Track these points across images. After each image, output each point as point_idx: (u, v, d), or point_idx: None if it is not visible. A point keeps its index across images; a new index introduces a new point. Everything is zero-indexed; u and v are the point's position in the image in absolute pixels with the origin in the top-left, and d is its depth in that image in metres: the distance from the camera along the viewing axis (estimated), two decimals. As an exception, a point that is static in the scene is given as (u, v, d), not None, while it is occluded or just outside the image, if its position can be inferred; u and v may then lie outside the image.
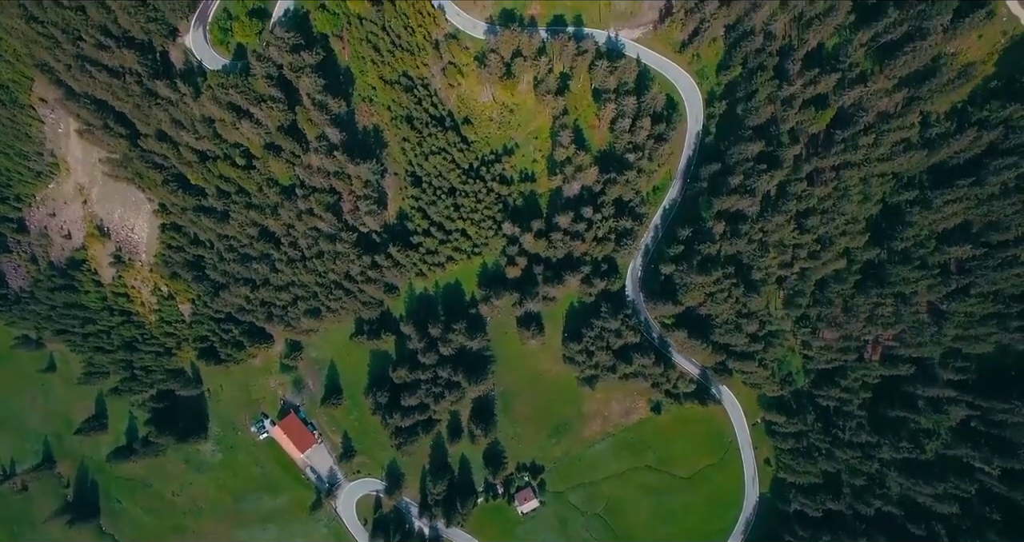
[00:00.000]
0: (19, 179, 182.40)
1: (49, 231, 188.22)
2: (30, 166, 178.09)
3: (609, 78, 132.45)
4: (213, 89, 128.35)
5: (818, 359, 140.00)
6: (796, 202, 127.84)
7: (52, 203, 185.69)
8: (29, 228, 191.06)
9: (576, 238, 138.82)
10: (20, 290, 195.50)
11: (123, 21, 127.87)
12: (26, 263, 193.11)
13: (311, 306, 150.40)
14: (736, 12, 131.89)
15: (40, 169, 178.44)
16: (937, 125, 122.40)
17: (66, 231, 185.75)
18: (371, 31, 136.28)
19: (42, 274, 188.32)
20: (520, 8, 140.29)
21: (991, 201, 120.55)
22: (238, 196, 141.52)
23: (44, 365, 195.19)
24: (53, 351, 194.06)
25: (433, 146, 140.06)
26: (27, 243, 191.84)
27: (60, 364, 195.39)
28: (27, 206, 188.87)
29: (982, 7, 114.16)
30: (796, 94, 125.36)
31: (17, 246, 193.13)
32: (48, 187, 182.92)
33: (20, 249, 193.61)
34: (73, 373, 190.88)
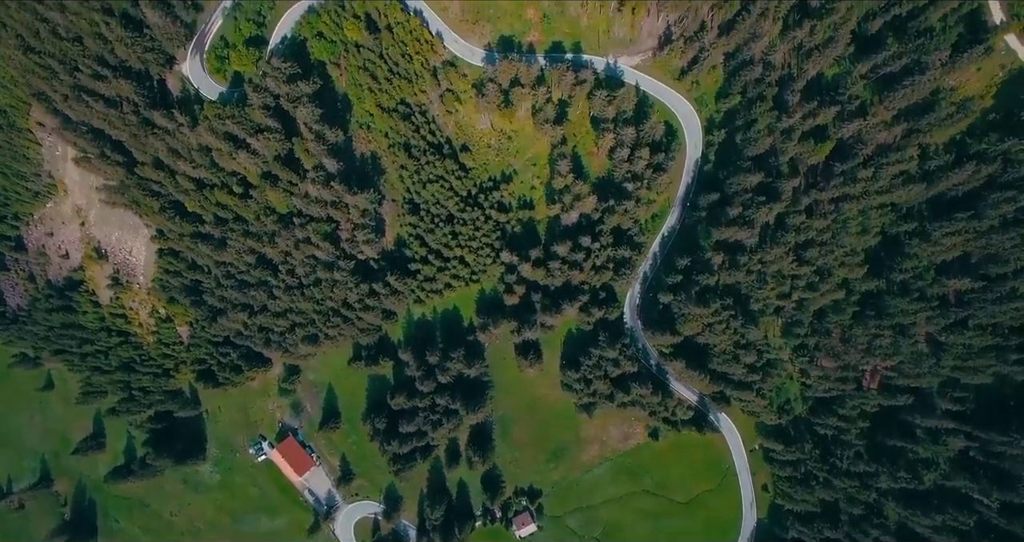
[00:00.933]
0: (17, 198, 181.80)
1: (47, 250, 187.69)
2: (28, 186, 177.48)
3: (608, 107, 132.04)
4: (210, 120, 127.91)
5: (816, 388, 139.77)
6: (795, 234, 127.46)
7: (50, 222, 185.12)
8: (27, 246, 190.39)
9: (574, 267, 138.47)
10: (18, 308, 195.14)
11: (120, 52, 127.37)
12: (24, 281, 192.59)
13: (309, 333, 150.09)
14: (735, 41, 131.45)
15: (38, 189, 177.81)
16: (936, 157, 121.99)
17: (64, 251, 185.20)
18: (368, 59, 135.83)
19: (40, 293, 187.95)
20: (518, 35, 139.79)
21: (990, 234, 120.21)
22: (235, 224, 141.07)
23: (42, 383, 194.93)
24: (51, 369, 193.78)
25: (431, 174, 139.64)
26: (25, 261, 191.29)
27: (58, 382, 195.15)
28: (25, 225, 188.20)
29: (980, 43, 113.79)
30: (795, 126, 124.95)
31: (15, 264, 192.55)
32: (46, 206, 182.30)
33: (18, 267, 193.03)
34: (71, 391, 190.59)
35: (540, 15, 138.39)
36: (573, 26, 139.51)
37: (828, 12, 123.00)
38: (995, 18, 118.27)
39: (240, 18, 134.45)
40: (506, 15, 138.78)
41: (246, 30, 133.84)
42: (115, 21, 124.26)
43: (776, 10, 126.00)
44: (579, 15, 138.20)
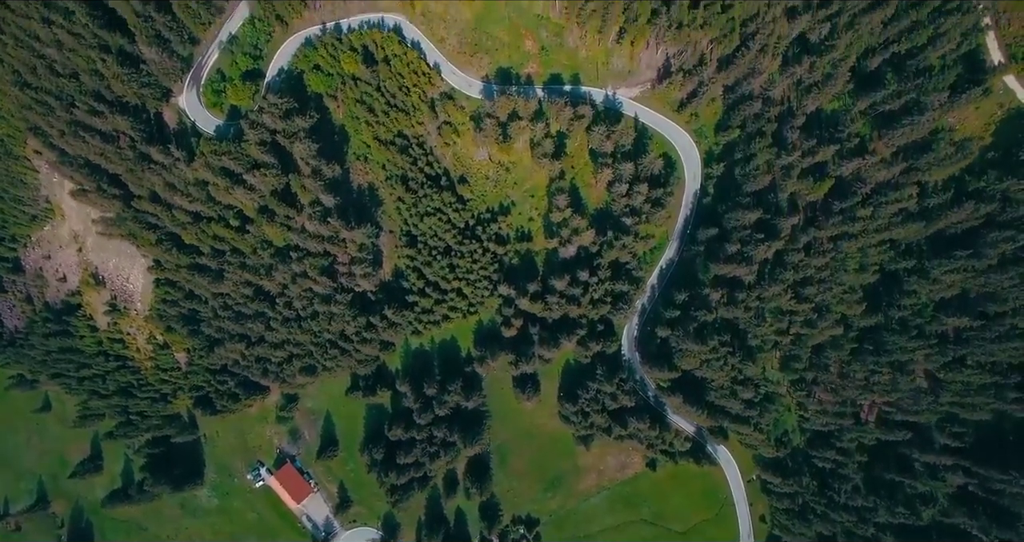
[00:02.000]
0: (14, 221, 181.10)
1: (44, 272, 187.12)
2: (24, 210, 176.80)
3: (606, 142, 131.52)
4: (206, 156, 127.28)
5: (814, 421, 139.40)
6: (793, 272, 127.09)
7: (47, 245, 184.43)
8: (24, 268, 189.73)
9: (572, 302, 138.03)
10: (15, 330, 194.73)
11: (116, 88, 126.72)
12: (21, 303, 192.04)
13: (306, 364, 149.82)
14: (735, 75, 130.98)
15: (35, 213, 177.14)
16: (935, 195, 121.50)
17: (61, 274, 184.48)
18: (365, 92, 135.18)
19: (37, 316, 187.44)
20: (516, 67, 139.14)
21: (989, 273, 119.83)
22: (232, 256, 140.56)
23: (39, 405, 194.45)
24: (48, 391, 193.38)
25: (428, 207, 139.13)
26: (22, 283, 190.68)
27: (55, 403, 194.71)
28: (22, 247, 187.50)
29: (979, 84, 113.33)
30: (794, 163, 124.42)
31: (12, 286, 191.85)
32: (43, 229, 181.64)
33: (15, 289, 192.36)
34: (68, 413, 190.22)
35: (538, 47, 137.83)
36: (571, 58, 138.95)
37: (827, 49, 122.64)
38: (993, 58, 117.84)
39: (236, 52, 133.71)
40: (504, 47, 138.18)
41: (242, 64, 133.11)
42: (111, 58, 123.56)
43: (776, 46, 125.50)
44: (578, 47, 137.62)
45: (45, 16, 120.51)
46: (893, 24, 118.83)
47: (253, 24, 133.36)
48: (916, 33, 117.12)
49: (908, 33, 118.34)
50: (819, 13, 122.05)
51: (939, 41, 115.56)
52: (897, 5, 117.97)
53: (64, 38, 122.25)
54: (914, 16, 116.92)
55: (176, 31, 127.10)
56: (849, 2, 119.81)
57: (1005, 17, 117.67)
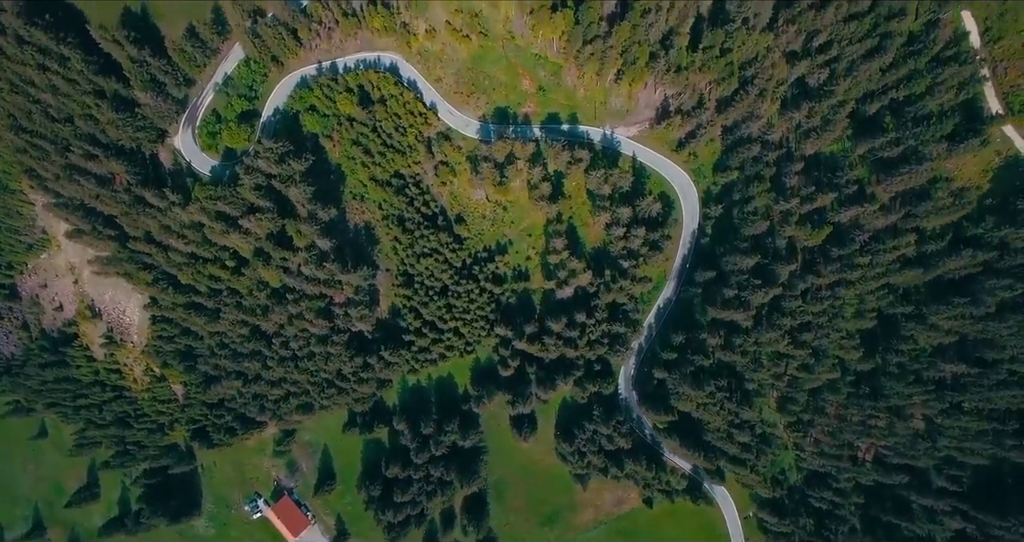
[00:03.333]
0: (10, 249, 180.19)
1: (41, 300, 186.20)
2: (20, 239, 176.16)
3: (604, 185, 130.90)
4: (201, 201, 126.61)
5: (811, 461, 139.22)
6: (790, 319, 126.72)
7: (44, 274, 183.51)
8: (21, 295, 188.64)
9: (569, 344, 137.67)
10: (11, 356, 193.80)
11: (111, 133, 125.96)
12: (17, 330, 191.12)
13: (303, 402, 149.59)
14: (733, 117, 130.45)
15: (31, 242, 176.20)
16: (933, 241, 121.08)
17: (57, 303, 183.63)
18: (361, 132, 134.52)
19: (33, 343, 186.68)
20: (514, 106, 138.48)
21: (987, 320, 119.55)
22: (229, 297, 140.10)
23: (35, 432, 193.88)
24: (45, 417, 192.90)
25: (425, 247, 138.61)
26: (19, 310, 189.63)
27: (52, 430, 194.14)
28: (19, 273, 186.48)
29: (977, 135, 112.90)
30: (793, 210, 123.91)
31: (8, 313, 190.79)
32: (40, 257, 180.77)
33: (11, 315, 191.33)
34: (65, 440, 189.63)
35: (536, 86, 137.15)
36: (569, 97, 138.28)
37: (826, 94, 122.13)
38: (991, 107, 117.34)
39: (232, 93, 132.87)
40: (501, 86, 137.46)
41: (238, 106, 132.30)
42: (106, 104, 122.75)
43: (774, 91, 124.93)
44: (575, 86, 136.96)
45: (40, 62, 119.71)
46: (891, 72, 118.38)
47: (248, 65, 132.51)
48: (915, 82, 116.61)
49: (906, 81, 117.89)
50: (818, 58, 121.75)
51: (937, 90, 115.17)
52: (896, 53, 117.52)
53: (59, 84, 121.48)
54: (912, 65, 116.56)
55: (171, 74, 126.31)
56: (848, 48, 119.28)
57: (1002, 66, 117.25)
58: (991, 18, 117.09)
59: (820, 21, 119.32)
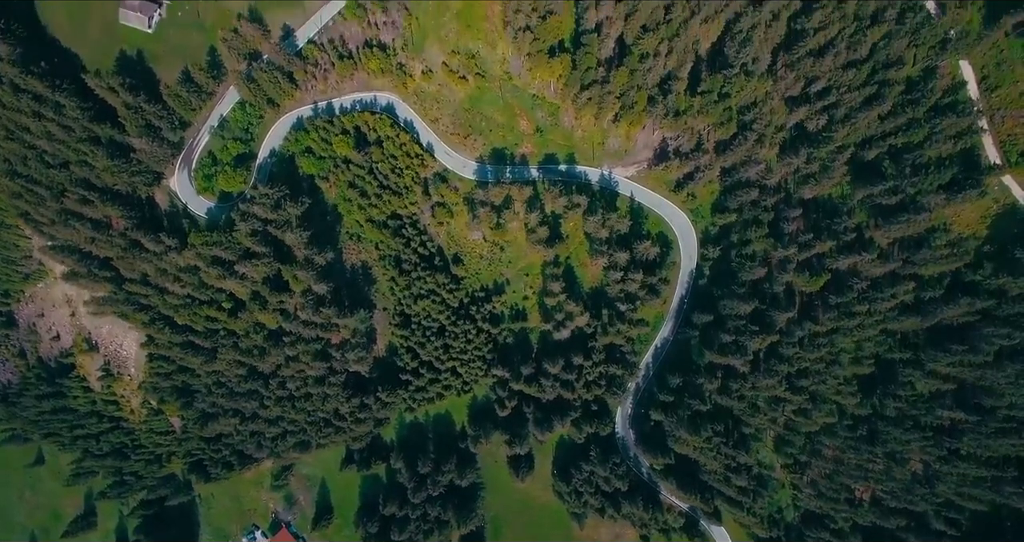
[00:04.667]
0: (6, 278, 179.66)
1: (38, 329, 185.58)
2: (17, 269, 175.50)
3: (601, 229, 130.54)
4: (197, 247, 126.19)
5: (808, 502, 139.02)
6: (787, 365, 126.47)
7: (40, 303, 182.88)
8: (17, 322, 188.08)
9: (566, 386, 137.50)
10: (8, 384, 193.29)
11: (107, 178, 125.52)
12: (14, 357, 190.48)
13: (300, 440, 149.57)
14: (732, 159, 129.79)
15: (28, 272, 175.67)
16: (931, 288, 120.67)
17: (54, 332, 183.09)
18: (357, 174, 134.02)
19: (30, 371, 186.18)
20: (511, 147, 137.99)
21: (985, 368, 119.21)
22: (225, 338, 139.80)
23: (32, 459, 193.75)
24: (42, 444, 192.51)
25: (422, 289, 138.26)
26: (15, 337, 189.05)
27: (49, 457, 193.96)
28: (15, 301, 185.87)
29: (976, 186, 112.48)
30: (791, 257, 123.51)
31: (5, 340, 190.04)
32: (37, 286, 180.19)
33: (8, 343, 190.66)
34: (62, 467, 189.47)
35: (533, 127, 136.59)
36: (567, 137, 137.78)
37: (825, 140, 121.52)
38: (989, 156, 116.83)
39: (227, 136, 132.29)
40: (498, 127, 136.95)
41: (233, 149, 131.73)
42: (101, 150, 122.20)
43: (773, 137, 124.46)
44: (573, 127, 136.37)
45: (36, 110, 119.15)
46: (890, 120, 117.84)
47: (243, 108, 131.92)
48: (913, 131, 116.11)
49: (905, 129, 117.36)
50: (816, 104, 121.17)
51: (935, 139, 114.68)
52: (894, 101, 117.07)
53: (54, 130, 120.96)
54: (911, 113, 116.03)
55: (166, 119, 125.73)
56: (846, 95, 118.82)
57: (999, 114, 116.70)
58: (988, 67, 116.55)
59: (819, 68, 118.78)
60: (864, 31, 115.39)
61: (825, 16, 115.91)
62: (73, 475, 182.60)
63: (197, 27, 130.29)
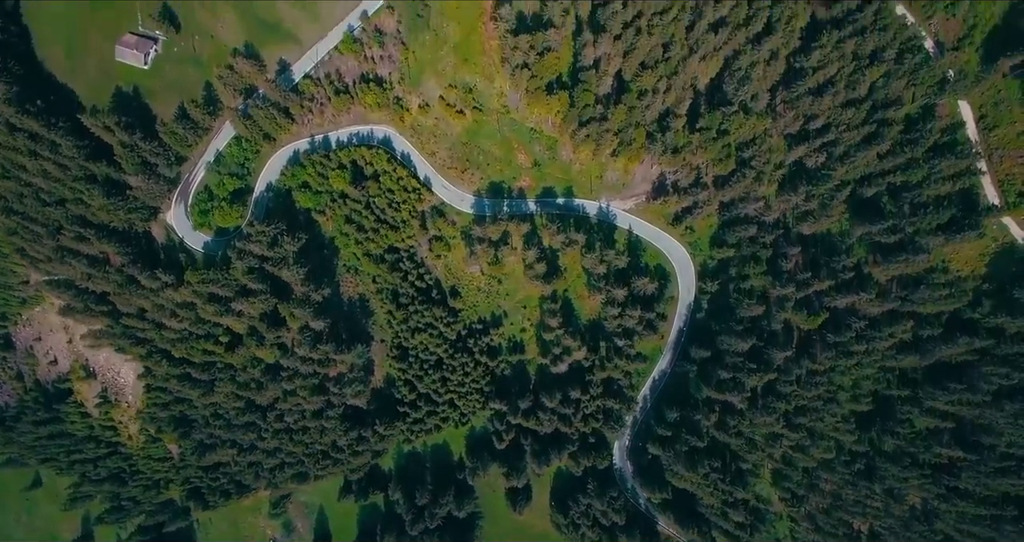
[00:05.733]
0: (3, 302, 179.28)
1: (35, 352, 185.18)
2: (15, 294, 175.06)
3: (599, 266, 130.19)
4: (193, 285, 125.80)
5: (805, 536, 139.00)
6: (785, 403, 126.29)
7: (38, 327, 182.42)
8: (15, 345, 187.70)
9: (564, 420, 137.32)
10: (5, 406, 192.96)
11: (103, 216, 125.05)
12: (11, 380, 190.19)
13: (298, 471, 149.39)
14: (730, 194, 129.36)
15: (24, 297, 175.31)
16: (929, 326, 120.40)
17: (52, 357, 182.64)
18: (354, 209, 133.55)
19: (27, 394, 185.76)
20: (509, 181, 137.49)
21: (983, 407, 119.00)
22: (223, 372, 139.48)
23: (29, 482, 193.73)
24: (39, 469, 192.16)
25: (420, 323, 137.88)
26: (12, 360, 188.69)
27: (46, 480, 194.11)
28: (13, 324, 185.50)
29: (974, 228, 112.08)
30: (789, 296, 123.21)
31: (3, 363, 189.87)
32: (34, 310, 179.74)
33: (6, 366, 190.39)
34: (59, 490, 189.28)
35: (531, 161, 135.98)
36: (565, 171, 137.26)
37: (824, 178, 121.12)
38: (988, 196, 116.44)
39: (223, 172, 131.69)
40: (496, 161, 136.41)
41: (229, 185, 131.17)
42: (97, 188, 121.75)
43: (772, 174, 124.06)
44: (571, 160, 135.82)
45: (31, 149, 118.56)
46: (889, 159, 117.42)
47: (239, 144, 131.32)
48: (912, 170, 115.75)
49: (904, 169, 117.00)
50: (815, 141, 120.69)
51: (934, 179, 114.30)
52: (893, 140, 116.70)
53: (50, 169, 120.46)
54: (910, 153, 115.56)
55: (162, 156, 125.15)
56: (845, 134, 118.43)
57: (997, 153, 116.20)
58: (986, 106, 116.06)
59: (818, 106, 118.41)
60: (863, 70, 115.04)
61: (824, 55, 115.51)
62: (70, 499, 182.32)
63: (193, 62, 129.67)
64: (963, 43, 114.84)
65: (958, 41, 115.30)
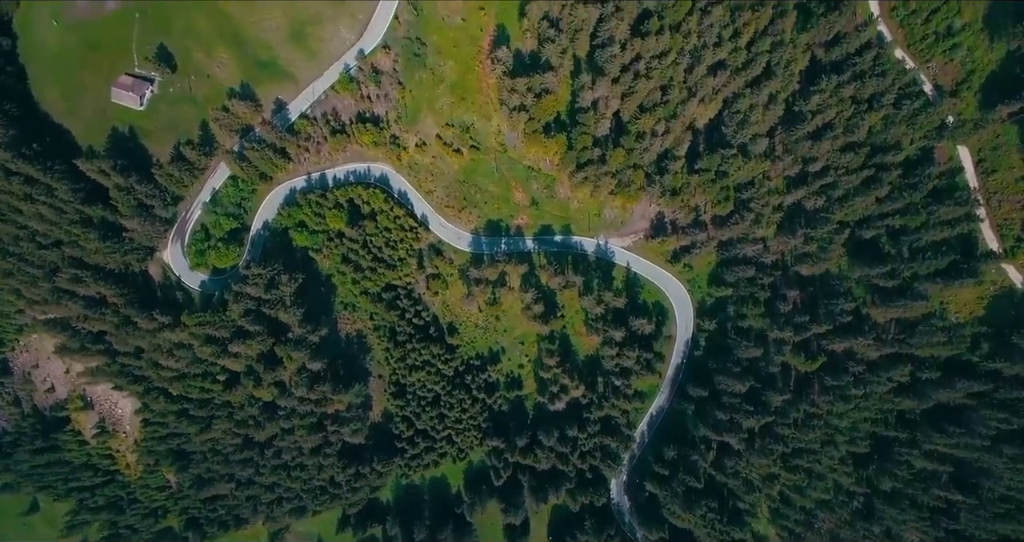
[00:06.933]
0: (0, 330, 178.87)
1: (33, 378, 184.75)
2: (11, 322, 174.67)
3: (597, 307, 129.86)
4: (190, 328, 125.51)
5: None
6: (782, 445, 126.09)
7: (36, 353, 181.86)
8: (12, 370, 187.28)
9: (561, 458, 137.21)
10: (2, 432, 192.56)
11: (99, 259, 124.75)
12: (8, 405, 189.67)
13: (296, 506, 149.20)
14: (729, 234, 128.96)
15: (21, 324, 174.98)
16: (928, 370, 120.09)
17: (49, 384, 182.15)
18: (351, 248, 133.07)
19: (25, 420, 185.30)
20: (506, 219, 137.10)
21: (982, 451, 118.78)
22: (220, 410, 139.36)
23: (26, 507, 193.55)
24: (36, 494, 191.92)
25: (417, 360, 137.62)
26: (10, 385, 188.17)
27: (44, 504, 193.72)
28: (10, 350, 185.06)
29: (973, 275, 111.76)
30: (787, 339, 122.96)
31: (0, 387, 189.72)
32: (31, 336, 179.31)
33: (3, 391, 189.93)
34: (57, 515, 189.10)
35: (528, 198, 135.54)
36: (563, 209, 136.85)
37: (822, 221, 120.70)
38: (987, 240, 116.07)
39: (219, 212, 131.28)
40: (493, 199, 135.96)
41: (225, 225, 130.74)
42: (93, 231, 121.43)
43: (771, 217, 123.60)
44: (569, 198, 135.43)
45: (27, 192, 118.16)
46: (888, 203, 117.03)
47: (235, 184, 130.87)
48: (911, 215, 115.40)
49: (902, 213, 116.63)
50: (814, 184, 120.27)
51: (933, 225, 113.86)
52: (892, 184, 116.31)
53: (46, 212, 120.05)
54: (908, 198, 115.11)
55: (158, 197, 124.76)
56: (844, 178, 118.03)
57: (996, 198, 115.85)
58: (985, 150, 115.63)
59: (817, 150, 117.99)
60: (862, 115, 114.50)
61: (823, 100, 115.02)
62: (68, 526, 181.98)
63: (189, 101, 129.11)
64: (962, 87, 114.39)
65: (957, 85, 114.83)
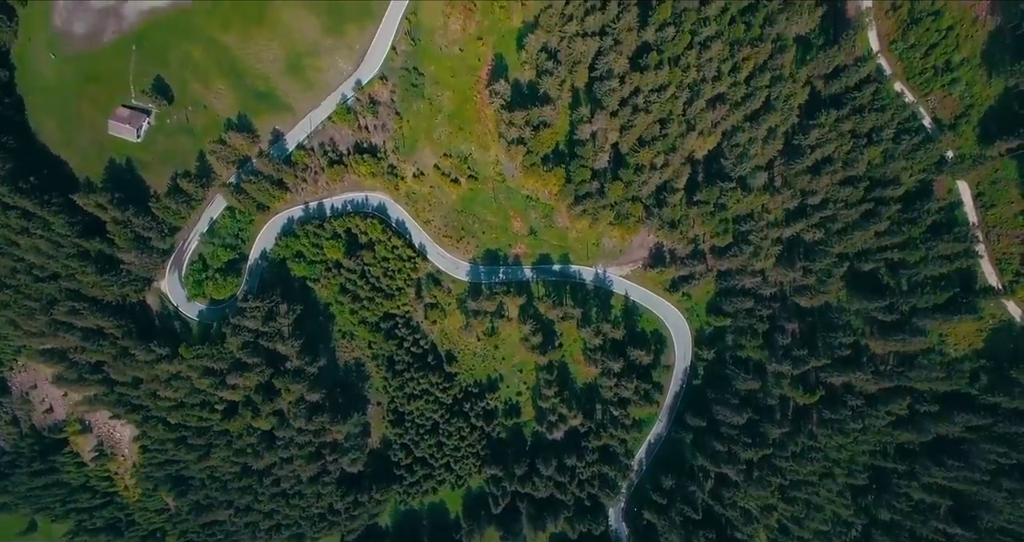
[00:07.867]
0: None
1: (31, 398, 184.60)
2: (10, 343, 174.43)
3: (595, 338, 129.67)
4: (187, 360, 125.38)
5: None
6: (780, 477, 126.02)
7: (34, 373, 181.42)
8: (11, 390, 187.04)
9: (559, 487, 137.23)
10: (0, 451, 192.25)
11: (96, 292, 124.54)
12: (6, 425, 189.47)
13: (294, 533, 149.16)
14: (727, 265, 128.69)
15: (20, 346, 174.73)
16: (926, 403, 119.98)
17: (48, 405, 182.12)
18: (349, 278, 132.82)
19: (23, 440, 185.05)
20: (504, 248, 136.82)
21: (982, 485, 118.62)
22: (219, 438, 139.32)
23: (25, 526, 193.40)
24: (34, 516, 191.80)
25: (415, 389, 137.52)
26: (8, 405, 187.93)
27: (42, 524, 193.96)
28: (8, 369, 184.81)
29: (972, 312, 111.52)
30: (785, 373, 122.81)
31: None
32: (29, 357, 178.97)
33: (1, 410, 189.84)
34: (56, 535, 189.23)
35: (527, 228, 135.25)
36: (561, 238, 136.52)
37: (821, 254, 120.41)
38: (986, 275, 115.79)
39: (217, 243, 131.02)
40: (492, 228, 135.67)
41: (223, 256, 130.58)
42: (90, 265, 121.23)
43: (770, 250, 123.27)
44: (568, 227, 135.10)
45: (24, 226, 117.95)
46: (887, 237, 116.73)
47: (233, 215, 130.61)
48: (909, 250, 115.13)
49: (901, 247, 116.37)
50: (813, 217, 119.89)
51: (932, 260, 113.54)
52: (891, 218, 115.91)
53: (43, 246, 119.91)
54: (908, 233, 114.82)
55: (155, 229, 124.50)
56: (843, 211, 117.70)
57: (995, 232, 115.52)
58: (983, 184, 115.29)
59: (816, 184, 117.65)
60: (861, 149, 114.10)
61: (822, 134, 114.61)
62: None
63: (186, 132, 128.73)
64: (960, 121, 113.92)
65: (955, 119, 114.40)
